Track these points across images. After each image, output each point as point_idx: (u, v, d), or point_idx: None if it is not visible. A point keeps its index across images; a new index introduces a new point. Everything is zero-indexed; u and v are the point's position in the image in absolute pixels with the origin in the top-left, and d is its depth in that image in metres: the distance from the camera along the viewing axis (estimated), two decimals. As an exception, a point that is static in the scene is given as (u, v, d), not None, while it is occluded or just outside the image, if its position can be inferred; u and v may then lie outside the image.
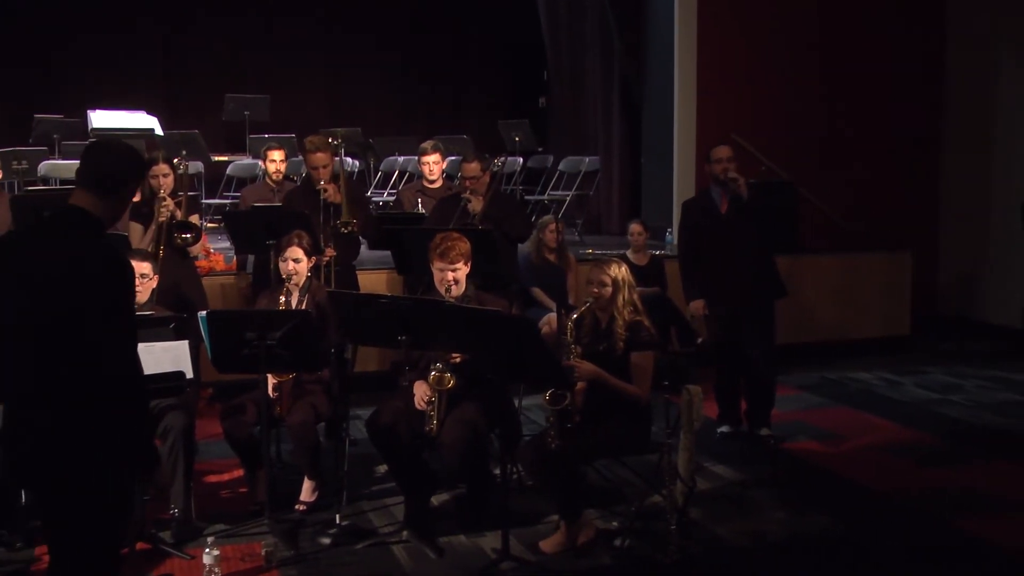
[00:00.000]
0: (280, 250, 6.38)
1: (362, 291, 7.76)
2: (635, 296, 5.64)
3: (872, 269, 10.86)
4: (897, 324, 10.85)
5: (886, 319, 10.82)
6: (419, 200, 8.47)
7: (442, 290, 5.86)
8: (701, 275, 7.36)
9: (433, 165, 8.56)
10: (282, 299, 6.26)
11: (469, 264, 5.92)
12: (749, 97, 11.27)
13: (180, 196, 7.26)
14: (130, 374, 3.46)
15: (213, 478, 6.72)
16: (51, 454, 3.38)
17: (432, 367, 5.63)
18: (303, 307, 6.22)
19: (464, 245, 5.89)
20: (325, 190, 7.24)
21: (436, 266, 5.87)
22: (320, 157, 7.34)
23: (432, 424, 5.60)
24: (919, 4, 11.75)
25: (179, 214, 7.20)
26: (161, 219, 7.08)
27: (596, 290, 5.56)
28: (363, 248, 8.28)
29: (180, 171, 7.36)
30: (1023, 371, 9.92)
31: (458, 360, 5.67)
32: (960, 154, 12.01)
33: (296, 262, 6.30)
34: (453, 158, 10.52)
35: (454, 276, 5.85)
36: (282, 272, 6.35)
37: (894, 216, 11.81)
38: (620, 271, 5.64)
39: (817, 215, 11.25)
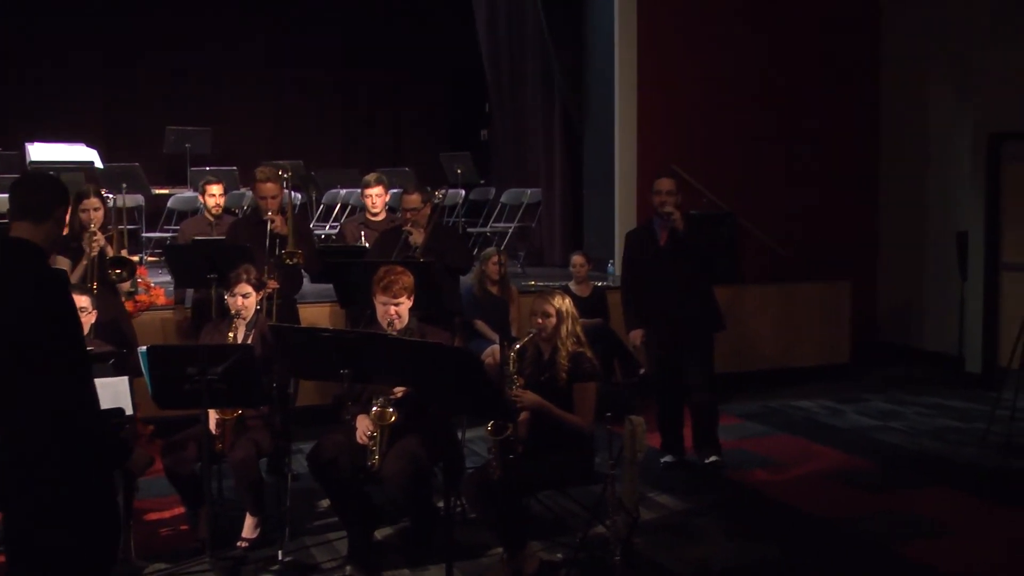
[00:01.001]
0: (229, 286, 6.30)
1: (304, 325, 7.65)
2: (578, 327, 5.59)
3: (812, 298, 10.81)
4: (837, 352, 10.84)
5: (826, 347, 10.78)
6: (362, 233, 8.41)
7: (384, 324, 5.79)
8: (641, 305, 7.32)
9: (376, 198, 8.50)
10: (231, 335, 6.18)
11: (412, 298, 5.87)
12: (691, 128, 11.17)
13: (111, 230, 7.17)
14: (85, 401, 3.49)
15: (154, 516, 6.60)
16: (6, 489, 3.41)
17: (374, 401, 5.55)
18: (251, 342, 6.14)
19: (407, 279, 5.84)
20: (273, 220, 7.17)
21: (379, 300, 5.80)
22: (270, 187, 7.28)
23: (374, 458, 5.51)
24: (856, 36, 11.81)
25: (110, 250, 7.10)
26: (93, 254, 6.96)
27: (539, 321, 5.51)
28: (305, 282, 8.17)
29: (112, 205, 7.25)
30: (960, 398, 9.91)
31: (400, 395, 5.59)
32: (897, 183, 12.01)
33: (245, 297, 6.23)
34: (396, 191, 10.20)
35: (396, 310, 5.79)
36: (231, 308, 6.27)
37: (833, 246, 11.75)
38: (563, 302, 5.59)
39: (758, 246, 11.17)
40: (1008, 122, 10.39)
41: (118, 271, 6.94)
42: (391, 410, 5.55)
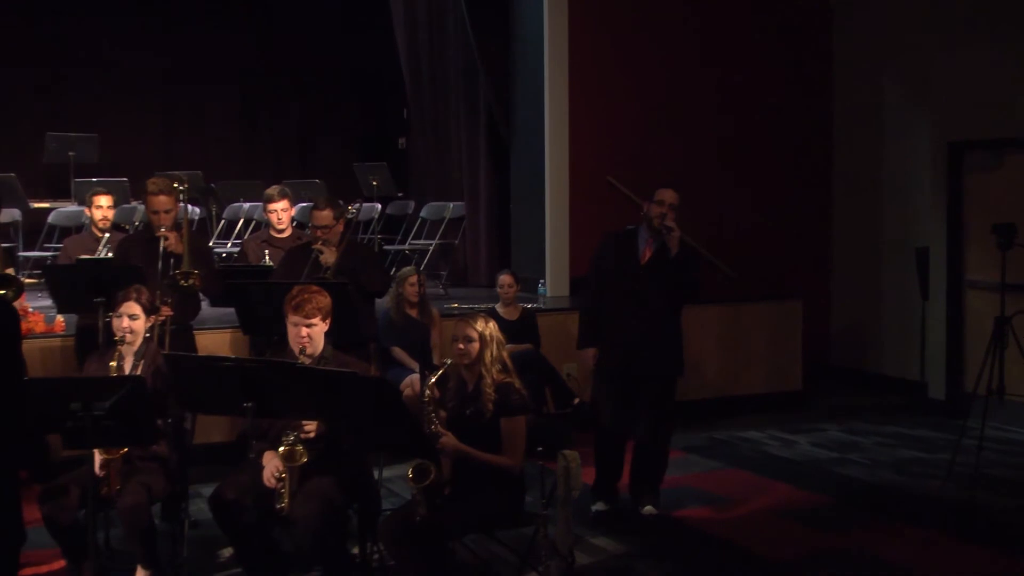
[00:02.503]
0: (114, 305, 6.15)
1: (202, 353, 7.57)
2: (504, 354, 5.59)
3: (761, 320, 10.84)
4: (788, 378, 10.88)
5: (777, 373, 10.84)
6: (266, 251, 8.36)
7: (296, 348, 5.74)
8: (602, 323, 7.17)
9: (281, 212, 8.47)
10: (113, 363, 6.00)
11: (328, 321, 5.84)
12: (627, 138, 11.18)
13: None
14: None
15: (30, 571, 6.34)
16: None
17: (283, 438, 5.50)
18: (138, 372, 5.99)
19: (323, 299, 5.80)
20: (166, 238, 7.09)
21: (290, 320, 5.76)
22: (163, 201, 7.21)
23: (283, 501, 5.45)
24: (806, 41, 11.98)
25: (-12, 268, 6.91)
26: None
27: (462, 347, 5.51)
28: (204, 306, 8.09)
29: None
30: (922, 426, 10.00)
31: (311, 431, 5.56)
32: (850, 197, 12.18)
33: (132, 319, 6.07)
34: (303, 204, 10.50)
35: (309, 332, 5.73)
36: (115, 331, 6.10)
37: (783, 263, 11.82)
38: (488, 327, 5.60)
39: (701, 263, 10.78)
40: (969, 130, 10.41)
41: (1, 291, 6.61)
42: (301, 448, 5.48)
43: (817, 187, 12.24)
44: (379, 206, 12.72)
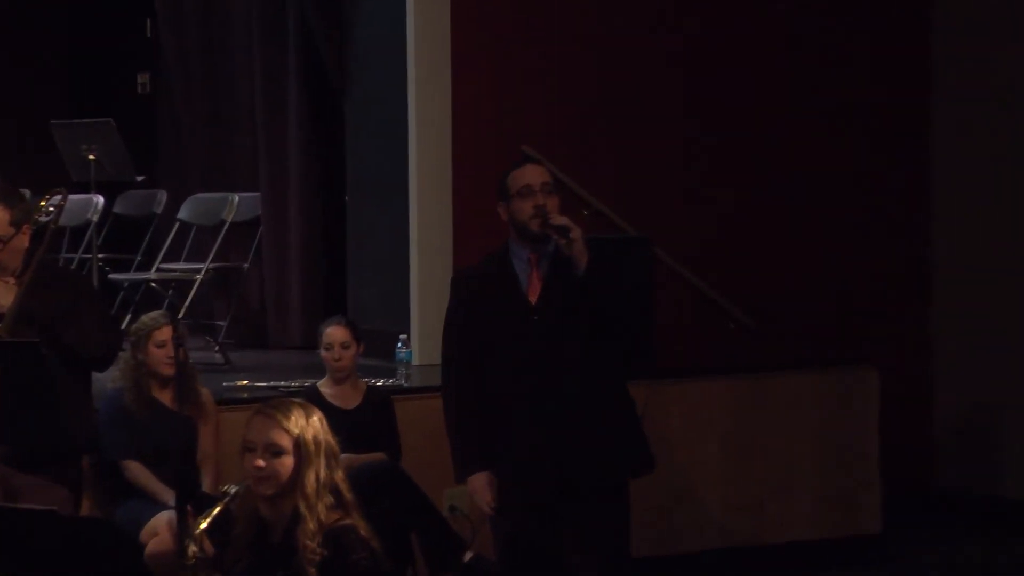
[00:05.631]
0: None
1: None
2: (339, 474, 5.15)
3: (804, 404, 9.66)
4: (856, 512, 9.68)
5: (834, 502, 9.69)
6: None
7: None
8: (488, 424, 6.58)
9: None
10: None
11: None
12: (554, 84, 10.22)
13: None
14: None
15: None
16: None
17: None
18: None
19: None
20: None
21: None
22: None
23: None
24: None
25: None
26: None
27: (260, 463, 5.01)
28: None
29: None
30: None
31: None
32: (965, 202, 11.19)
33: None
34: None
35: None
36: None
37: (844, 304, 10.76)
38: (308, 424, 5.08)
39: (691, 300, 10.19)
40: None
41: None
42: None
43: (907, 183, 11.14)
44: (100, 200, 11.44)
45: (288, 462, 4.93)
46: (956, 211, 11.39)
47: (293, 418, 4.98)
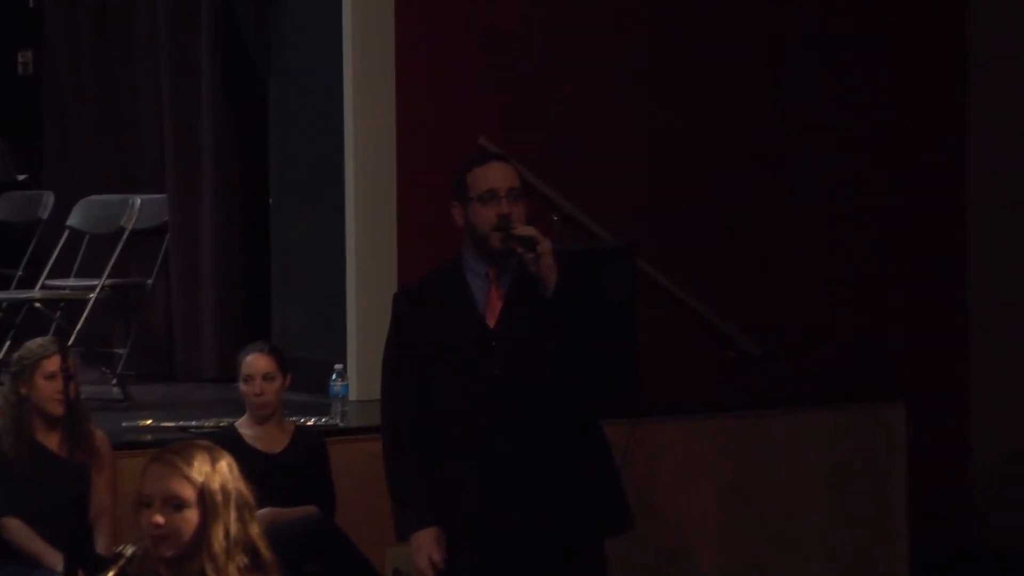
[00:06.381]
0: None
1: None
2: (254, 528, 4.69)
3: (817, 446, 9.36)
4: (876, 571, 9.42)
5: (852, 561, 9.33)
6: None
7: None
8: (435, 475, 6.33)
9: None
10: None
11: None
12: (518, 65, 9.92)
13: None
14: None
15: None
16: None
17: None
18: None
19: None
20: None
21: None
22: None
23: None
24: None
25: None
26: None
27: (157, 519, 4.64)
28: None
29: None
30: None
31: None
32: (999, 236, 11.01)
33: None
34: None
35: None
36: None
37: (865, 327, 10.44)
38: (217, 472, 4.65)
39: (683, 322, 9.93)
40: None
41: None
42: None
43: (941, 184, 10.89)
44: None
45: (191, 517, 4.58)
46: (998, 236, 11.15)
47: (196, 464, 4.60)
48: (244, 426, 7.59)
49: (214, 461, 4.58)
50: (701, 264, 9.96)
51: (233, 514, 4.57)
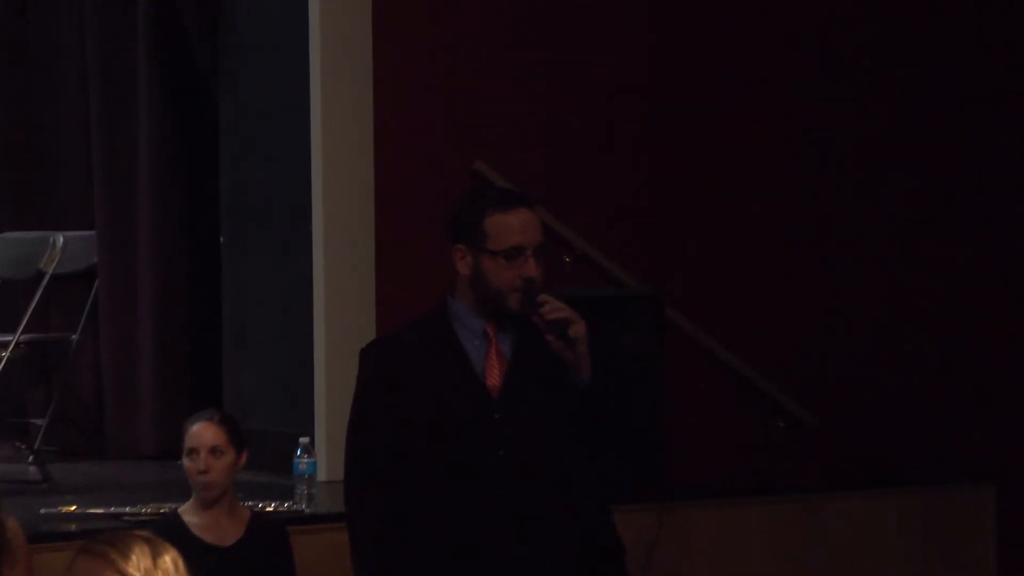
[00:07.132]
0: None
1: None
2: None
3: (886, 536, 9.05)
4: None
5: None
6: None
7: None
8: (408, 565, 5.83)
9: None
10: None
11: None
12: (506, 85, 9.77)
13: None
14: None
15: None
16: None
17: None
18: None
19: None
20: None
21: None
22: None
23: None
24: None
25: None
26: None
27: None
28: None
29: None
30: None
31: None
32: None
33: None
34: None
35: None
36: None
37: (951, 394, 9.80)
38: (153, 565, 4.37)
39: (721, 385, 9.68)
40: None
41: None
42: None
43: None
44: None
45: (128, 621, 4.72)
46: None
47: (134, 559, 4.16)
48: (189, 513, 7.04)
49: (155, 556, 4.07)
50: (741, 315, 9.68)
51: (174, 622, 4.41)
